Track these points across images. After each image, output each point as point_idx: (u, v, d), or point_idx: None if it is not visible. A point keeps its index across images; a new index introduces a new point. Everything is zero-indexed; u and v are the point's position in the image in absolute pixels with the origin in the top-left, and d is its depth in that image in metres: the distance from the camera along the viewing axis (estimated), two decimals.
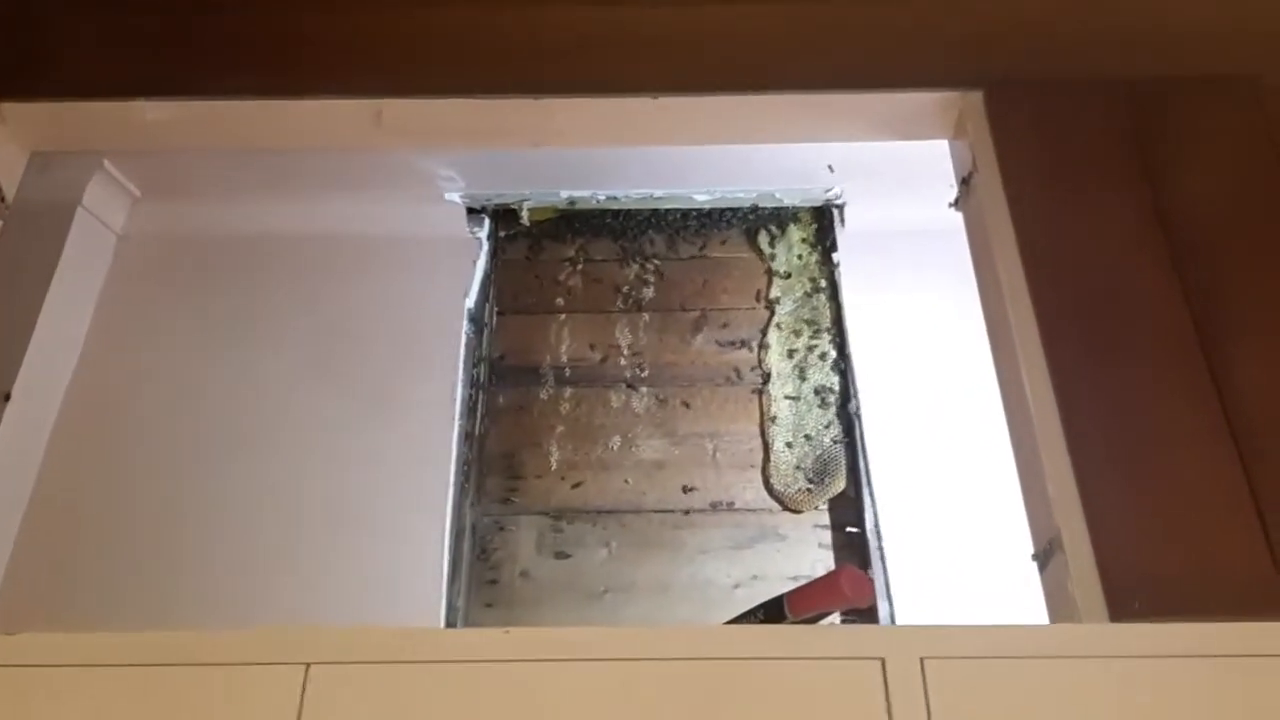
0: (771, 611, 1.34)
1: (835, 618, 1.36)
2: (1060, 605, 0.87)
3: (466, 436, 1.64)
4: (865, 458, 1.58)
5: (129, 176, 1.75)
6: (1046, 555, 0.89)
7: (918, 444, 1.56)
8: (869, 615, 1.43)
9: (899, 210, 1.75)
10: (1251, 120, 1.01)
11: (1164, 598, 0.80)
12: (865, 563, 1.51)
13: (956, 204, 1.12)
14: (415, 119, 1.09)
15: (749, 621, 1.36)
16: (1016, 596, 1.06)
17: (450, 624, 1.47)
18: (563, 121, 1.09)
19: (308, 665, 0.77)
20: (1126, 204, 0.98)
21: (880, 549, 1.50)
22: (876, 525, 1.52)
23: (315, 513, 1.55)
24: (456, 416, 1.62)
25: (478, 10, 1.10)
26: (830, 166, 1.70)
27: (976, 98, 1.05)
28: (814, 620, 1.30)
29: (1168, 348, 0.92)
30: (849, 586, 1.30)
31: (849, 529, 1.56)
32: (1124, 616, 0.80)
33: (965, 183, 1.09)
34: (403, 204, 1.77)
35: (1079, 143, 1.02)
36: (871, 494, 1.54)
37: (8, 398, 1.48)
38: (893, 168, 1.70)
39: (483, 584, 1.56)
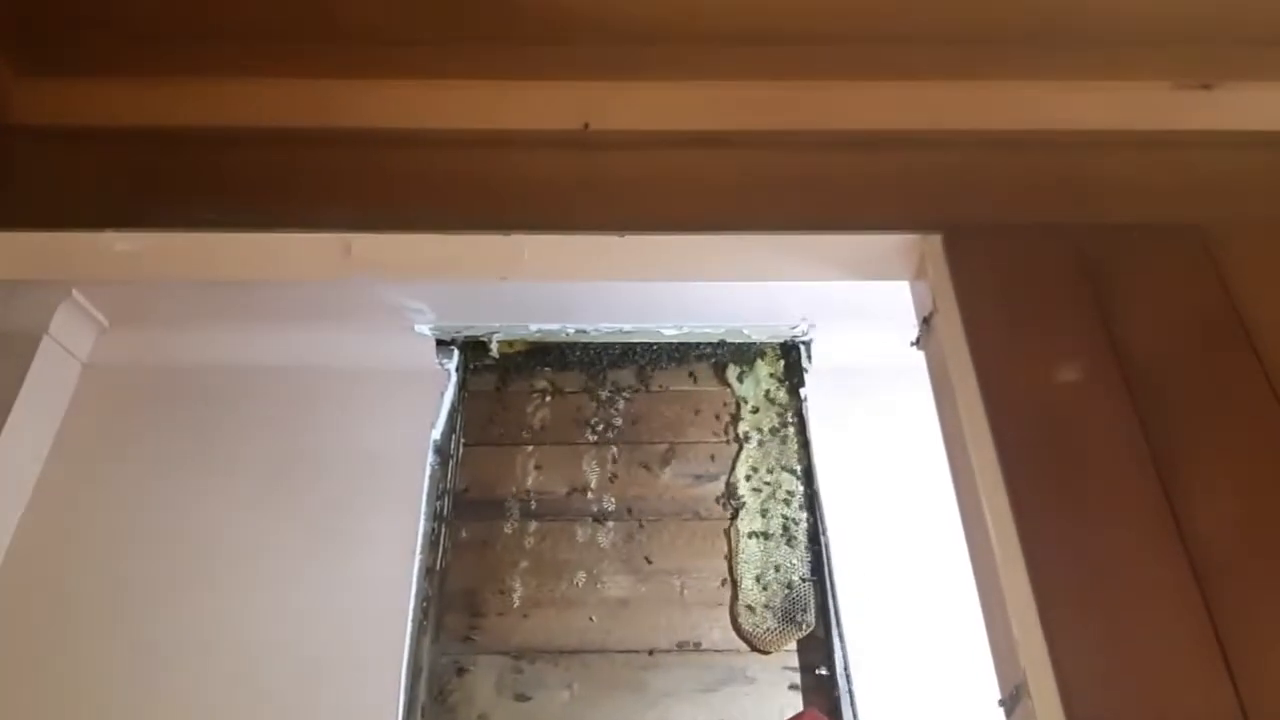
0: None
1: None
2: None
3: (427, 571, 1.60)
4: (835, 596, 1.55)
5: (97, 305, 1.75)
6: (1013, 700, 0.87)
7: (888, 582, 1.54)
8: None
9: (865, 346, 1.77)
10: (1198, 265, 1.04)
11: None
12: (835, 705, 1.47)
13: (918, 343, 1.13)
14: (385, 252, 1.10)
15: None
16: None
17: None
18: (531, 257, 1.10)
19: None
20: (1082, 345, 1.00)
21: (850, 691, 1.46)
22: (846, 667, 1.49)
23: (270, 649, 1.50)
24: (418, 551, 1.59)
25: (447, 150, 1.12)
26: (798, 308, 1.74)
27: (936, 240, 1.08)
28: None
29: (1129, 487, 0.92)
30: None
31: (818, 670, 1.52)
32: None
33: (926, 322, 1.11)
34: (371, 335, 1.78)
35: (1036, 285, 1.04)
36: (841, 634, 1.51)
37: None
38: (857, 305, 1.74)
39: None
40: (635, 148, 1.14)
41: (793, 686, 1.53)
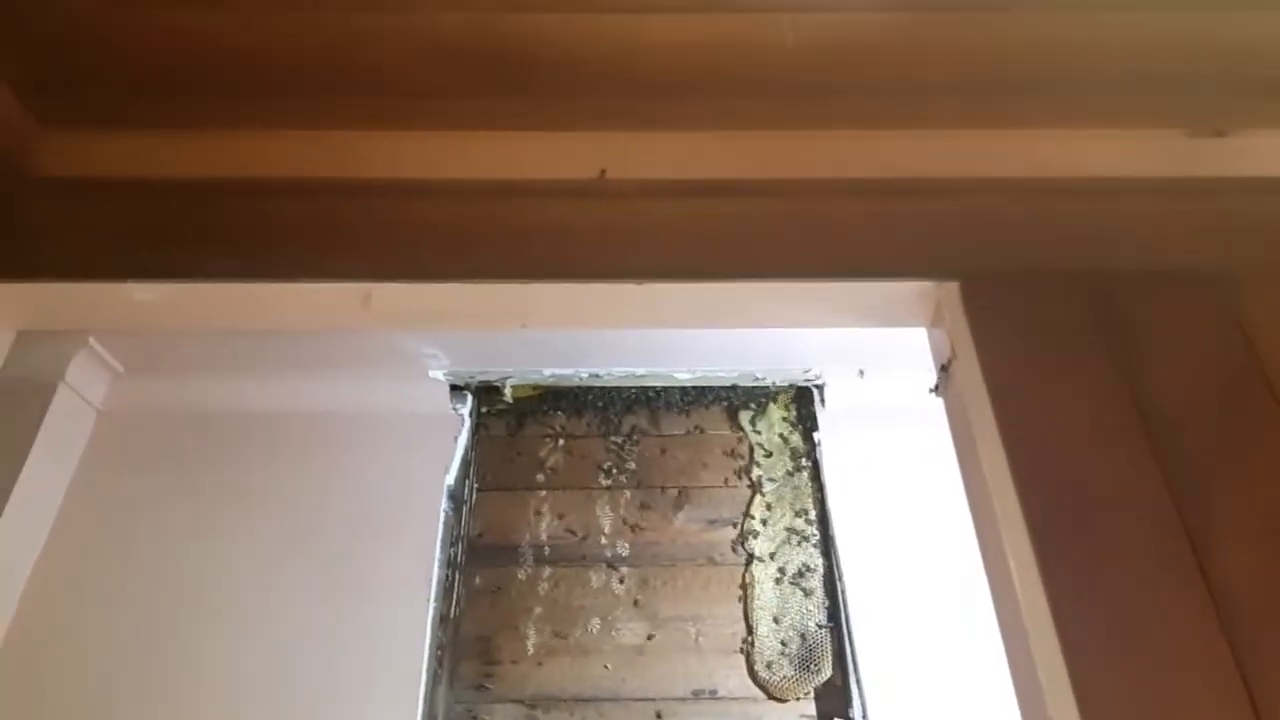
0: None
1: None
2: None
3: (441, 619, 1.59)
4: (852, 643, 1.54)
5: (113, 353, 1.76)
6: None
7: (906, 628, 1.52)
8: None
9: (879, 389, 1.78)
10: (1216, 312, 1.04)
11: None
12: None
13: (937, 389, 1.13)
14: (403, 302, 1.10)
15: None
16: None
17: None
18: (548, 305, 1.10)
19: None
20: (1103, 392, 0.99)
21: None
22: (865, 715, 1.47)
23: (284, 697, 1.49)
24: (432, 598, 1.58)
25: (466, 199, 1.13)
26: (812, 351, 1.74)
27: (953, 288, 1.08)
28: None
29: (1153, 538, 0.91)
30: None
31: (837, 719, 1.51)
32: None
33: (944, 370, 1.11)
34: (386, 381, 1.78)
35: (1055, 333, 1.04)
36: (859, 682, 1.50)
37: None
38: (873, 349, 1.74)
39: None
40: (652, 196, 1.14)
41: None
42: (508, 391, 1.83)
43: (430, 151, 1.17)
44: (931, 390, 1.14)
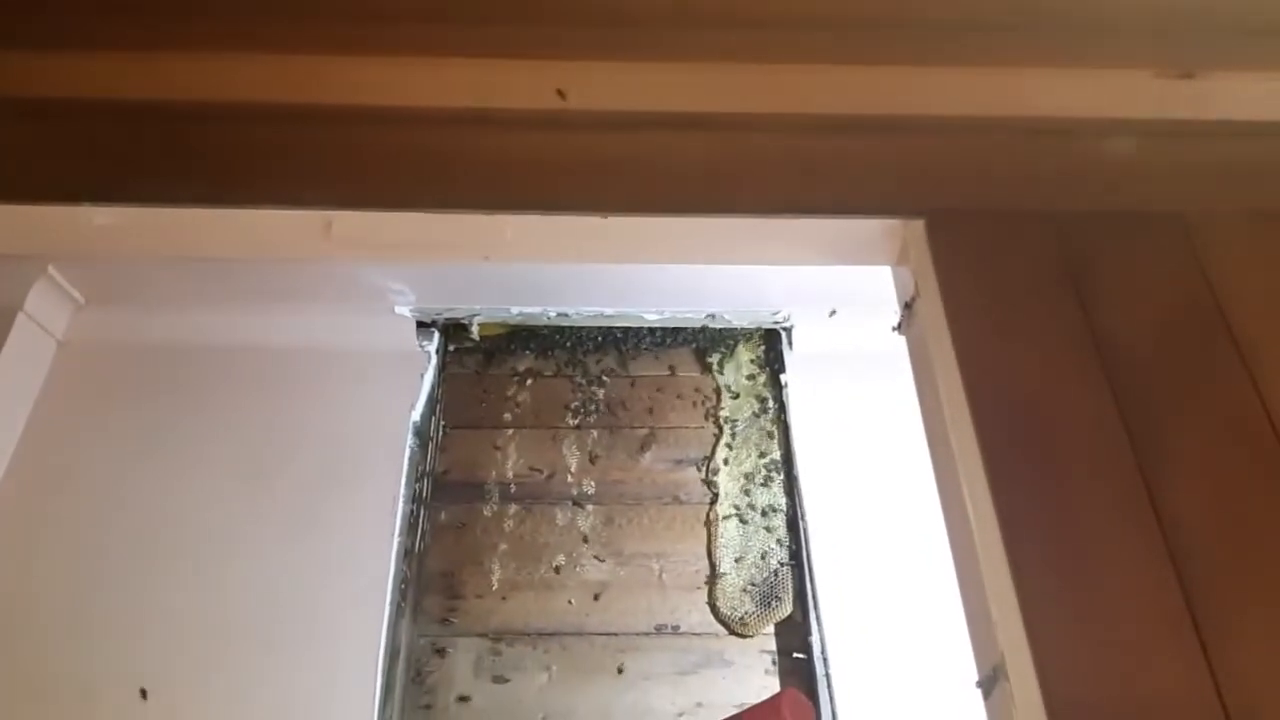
0: None
1: None
2: None
3: (406, 554, 1.60)
4: (813, 581, 1.56)
5: (74, 283, 1.73)
6: (990, 682, 0.88)
7: (866, 566, 1.54)
8: None
9: (847, 333, 1.78)
10: (1179, 253, 1.04)
11: None
12: (812, 689, 1.47)
13: (899, 328, 1.13)
14: (365, 231, 1.09)
15: None
16: None
17: None
18: (513, 237, 1.09)
19: None
20: (1063, 330, 1.00)
21: (827, 675, 1.47)
22: (823, 650, 1.49)
23: (245, 630, 1.49)
24: (396, 533, 1.58)
25: (429, 127, 1.11)
26: (780, 294, 1.74)
27: (919, 225, 1.08)
28: None
29: (1107, 471, 0.93)
30: (790, 711, 1.27)
31: (795, 654, 1.53)
32: None
33: (908, 308, 1.11)
34: (351, 316, 1.77)
35: (1018, 271, 1.04)
36: (819, 618, 1.52)
37: None
38: (840, 292, 1.74)
39: (418, 709, 1.50)
40: (616, 129, 1.13)
41: (770, 670, 1.53)
42: (475, 329, 1.82)
43: (392, 78, 1.15)
44: (894, 328, 1.14)
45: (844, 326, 1.78)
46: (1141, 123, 1.16)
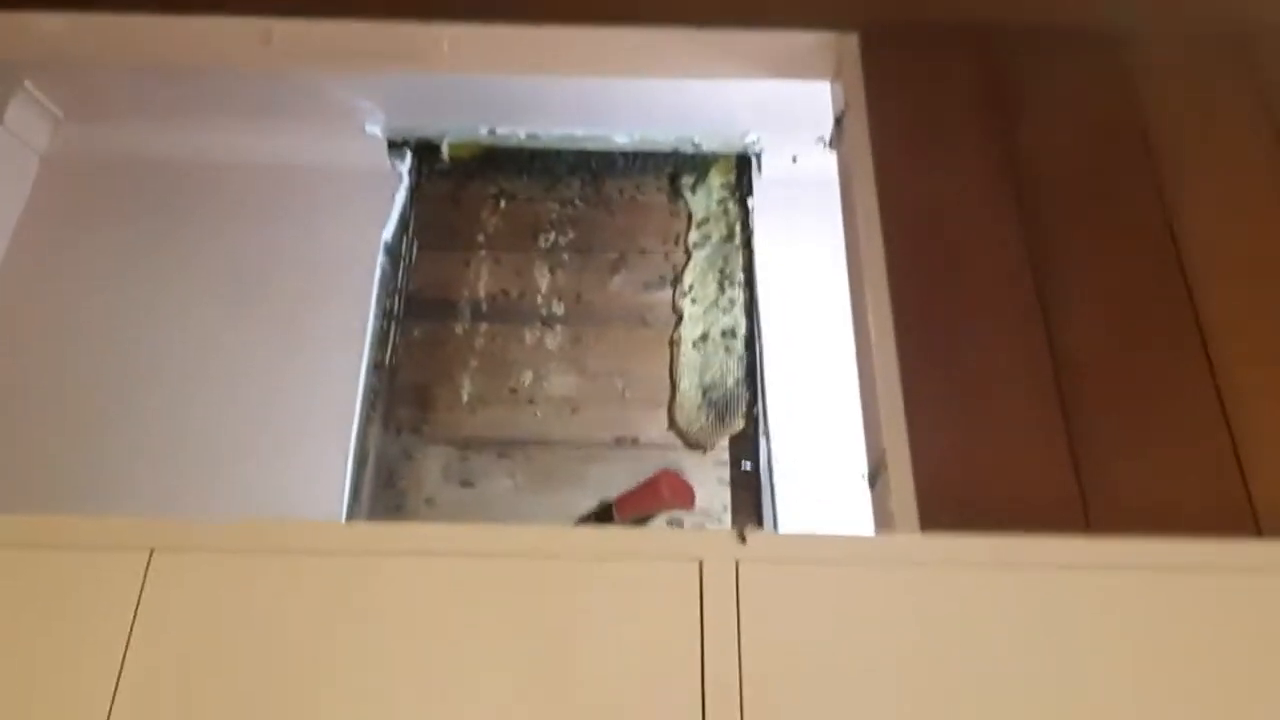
0: (603, 515, 1.46)
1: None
2: (883, 521, 0.91)
3: (376, 366, 1.66)
4: (764, 399, 1.62)
5: (51, 98, 1.74)
6: (875, 475, 0.94)
7: (813, 386, 1.60)
8: None
9: (817, 160, 1.78)
10: (1108, 69, 1.05)
11: (974, 514, 0.85)
12: (757, 496, 1.55)
13: (831, 143, 1.15)
14: (304, 39, 1.11)
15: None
16: None
17: None
18: (450, 47, 1.11)
19: (151, 551, 0.81)
20: (982, 153, 1.02)
21: (771, 485, 1.55)
22: (770, 462, 1.56)
23: (219, 439, 1.57)
24: (366, 346, 1.64)
25: None
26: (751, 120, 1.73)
27: (853, 40, 1.08)
28: (641, 523, 1.36)
29: (1008, 298, 0.96)
30: (668, 491, 1.36)
31: (744, 465, 1.60)
32: (933, 528, 0.84)
33: (839, 123, 1.13)
34: (324, 135, 1.78)
35: (945, 91, 1.06)
36: (767, 433, 1.59)
37: None
38: (810, 119, 1.73)
39: (388, 510, 1.59)
40: None
41: (722, 481, 1.61)
42: (445, 149, 1.84)
43: None
44: (827, 144, 1.16)
45: (814, 154, 1.78)
46: None
